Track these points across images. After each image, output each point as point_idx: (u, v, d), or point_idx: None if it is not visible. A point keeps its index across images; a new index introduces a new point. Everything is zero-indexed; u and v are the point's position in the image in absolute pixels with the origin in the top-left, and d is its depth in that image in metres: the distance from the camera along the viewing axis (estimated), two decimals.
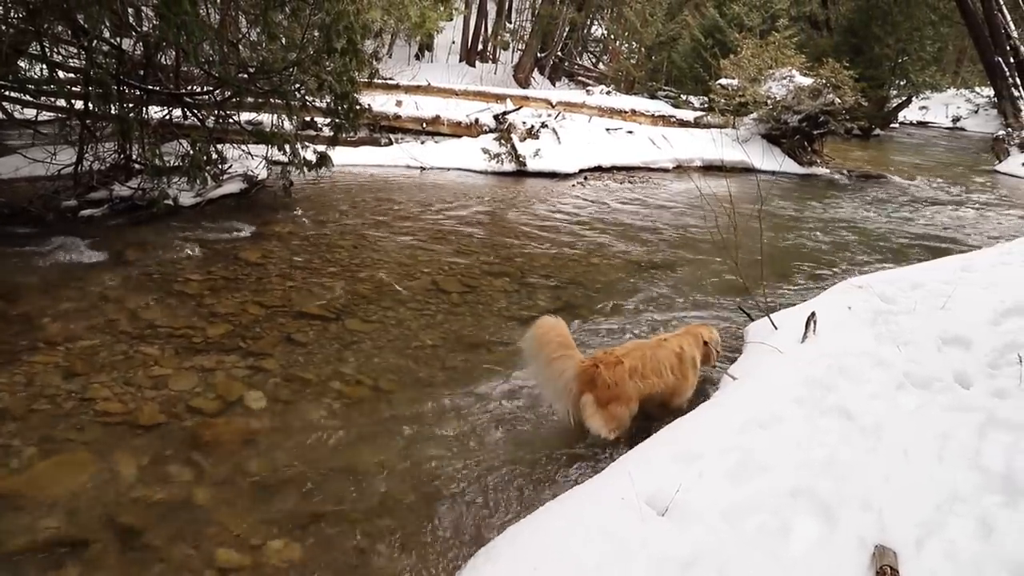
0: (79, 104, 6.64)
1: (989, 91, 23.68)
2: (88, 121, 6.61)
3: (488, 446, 3.54)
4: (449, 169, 10.82)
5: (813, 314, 4.43)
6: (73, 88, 7.06)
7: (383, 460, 3.37)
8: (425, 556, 2.79)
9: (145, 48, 7.01)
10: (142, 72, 7.01)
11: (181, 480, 3.13)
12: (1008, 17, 18.83)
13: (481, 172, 10.87)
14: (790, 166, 13.16)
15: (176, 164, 6.94)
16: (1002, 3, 18.67)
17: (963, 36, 24.09)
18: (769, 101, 13.50)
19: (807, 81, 13.47)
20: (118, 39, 6.86)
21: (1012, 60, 18.70)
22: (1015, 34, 18.90)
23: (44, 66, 6.28)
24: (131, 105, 6.75)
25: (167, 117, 7.45)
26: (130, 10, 7.01)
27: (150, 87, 7.01)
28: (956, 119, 28.39)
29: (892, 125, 24.74)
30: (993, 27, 18.67)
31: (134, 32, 7.10)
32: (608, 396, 3.51)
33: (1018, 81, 18.62)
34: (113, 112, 6.40)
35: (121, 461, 3.21)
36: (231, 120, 7.70)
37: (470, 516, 3.03)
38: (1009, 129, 17.49)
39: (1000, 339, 3.97)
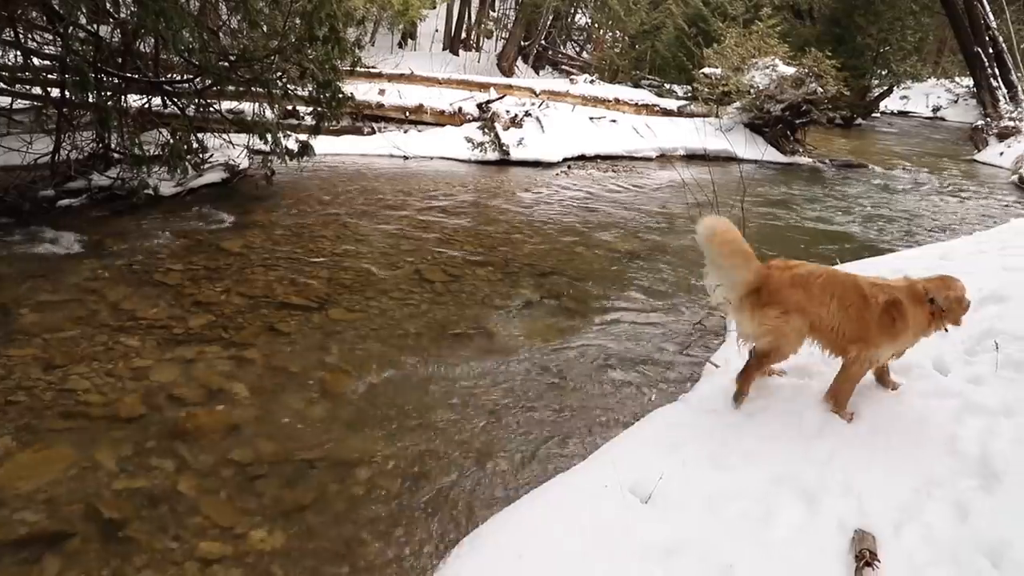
0: (55, 92, 6.54)
1: (968, 81, 23.89)
2: (65, 109, 6.50)
3: (472, 435, 3.54)
4: (432, 158, 10.77)
5: None
6: (49, 76, 6.94)
7: (367, 449, 3.36)
8: (410, 545, 2.80)
9: (123, 35, 6.91)
10: (120, 60, 6.91)
11: (163, 471, 3.10)
12: (987, 8, 18.98)
13: (465, 161, 10.83)
14: (773, 155, 13.22)
15: (156, 153, 6.85)
16: None
17: (943, 26, 24.23)
18: (752, 90, 13.54)
19: (790, 70, 13.51)
20: (95, 26, 6.75)
21: (991, 51, 18.87)
22: (994, 25, 19.06)
23: (18, 53, 6.17)
24: (109, 93, 6.65)
25: (147, 106, 7.35)
26: None
27: (129, 75, 6.91)
28: (936, 109, 28.61)
29: (874, 114, 24.90)
30: (973, 18, 18.82)
31: (111, 19, 6.99)
32: (766, 300, 3.24)
33: (997, 71, 18.80)
34: (91, 100, 6.31)
35: (102, 453, 3.18)
36: (212, 109, 7.62)
37: (454, 505, 3.04)
38: (988, 119, 17.68)
39: (977, 326, 4.01)
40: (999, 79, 18.70)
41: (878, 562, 2.44)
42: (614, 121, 13.32)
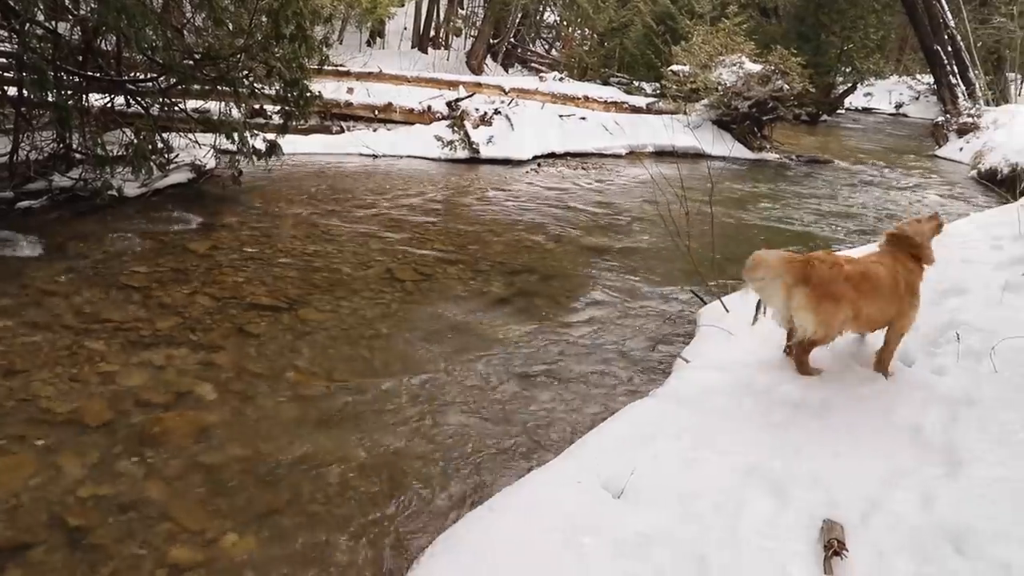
0: (12, 91, 6.37)
1: (929, 78, 24.38)
2: (23, 109, 6.35)
3: (444, 433, 3.54)
4: (402, 157, 10.72)
5: None
6: (5, 74, 6.77)
7: (339, 450, 3.34)
8: (383, 546, 2.78)
9: (83, 32, 6.76)
10: (81, 58, 6.76)
11: (131, 477, 3.05)
12: (946, 7, 19.37)
13: (434, 159, 10.80)
14: (740, 151, 13.37)
15: (120, 154, 6.71)
16: None
17: (904, 25, 24.71)
18: (720, 87, 13.68)
19: (756, 68, 13.67)
20: (53, 23, 6.59)
21: (950, 49, 19.27)
22: (952, 24, 19.47)
23: None
24: (70, 92, 6.50)
25: (109, 105, 7.20)
26: None
27: (90, 73, 6.77)
28: (899, 105, 29.16)
29: (839, 111, 25.30)
30: (932, 17, 19.21)
31: (71, 15, 6.84)
32: (821, 293, 3.44)
33: (956, 69, 19.20)
34: (50, 99, 6.16)
35: (67, 460, 3.11)
36: (177, 108, 7.49)
37: (427, 504, 3.03)
38: (948, 115, 18.03)
39: (939, 318, 4.11)
40: (958, 76, 19.12)
41: (846, 551, 2.49)
42: (583, 119, 13.35)
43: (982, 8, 23.49)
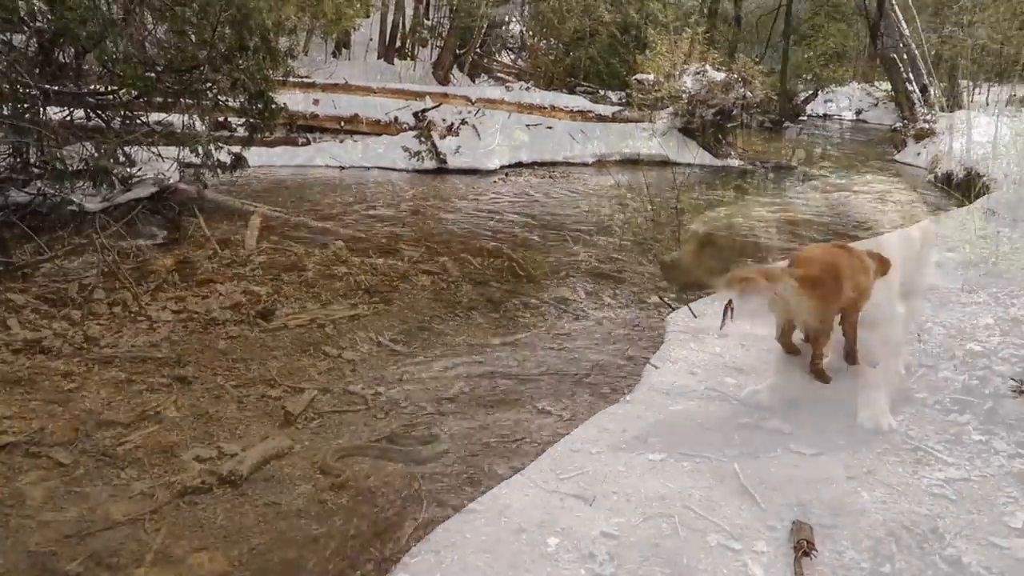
0: None
1: (886, 85, 24.94)
2: None
3: (417, 444, 3.51)
4: (369, 168, 10.69)
5: (730, 302, 4.56)
6: None
7: (311, 464, 3.30)
8: (356, 560, 2.75)
9: (40, 44, 6.63)
10: (38, 70, 6.62)
11: (96, 498, 2.98)
12: (900, 16, 19.88)
13: (402, 170, 10.78)
14: (705, 158, 13.55)
15: (80, 168, 6.58)
16: (894, 3, 19.71)
17: (862, 33, 25.30)
18: (684, 95, 13.85)
19: (720, 76, 13.88)
20: (8, 34, 6.46)
21: (905, 56, 19.77)
22: (907, 32, 19.98)
23: None
24: (26, 105, 6.36)
25: (68, 118, 7.06)
26: (21, 3, 6.58)
27: (47, 86, 6.63)
28: (859, 112, 29.76)
29: (801, 118, 25.76)
30: (888, 26, 19.70)
31: (27, 27, 6.70)
32: (822, 293, 3.53)
33: (911, 76, 19.69)
34: (5, 113, 6.02)
35: (28, 483, 3.03)
36: (139, 121, 7.37)
37: (401, 517, 3.00)
38: (905, 121, 18.45)
39: (904, 318, 4.20)
40: (914, 83, 19.61)
41: (815, 552, 2.52)
42: (550, 128, 13.43)
43: (935, 18, 24.16)
